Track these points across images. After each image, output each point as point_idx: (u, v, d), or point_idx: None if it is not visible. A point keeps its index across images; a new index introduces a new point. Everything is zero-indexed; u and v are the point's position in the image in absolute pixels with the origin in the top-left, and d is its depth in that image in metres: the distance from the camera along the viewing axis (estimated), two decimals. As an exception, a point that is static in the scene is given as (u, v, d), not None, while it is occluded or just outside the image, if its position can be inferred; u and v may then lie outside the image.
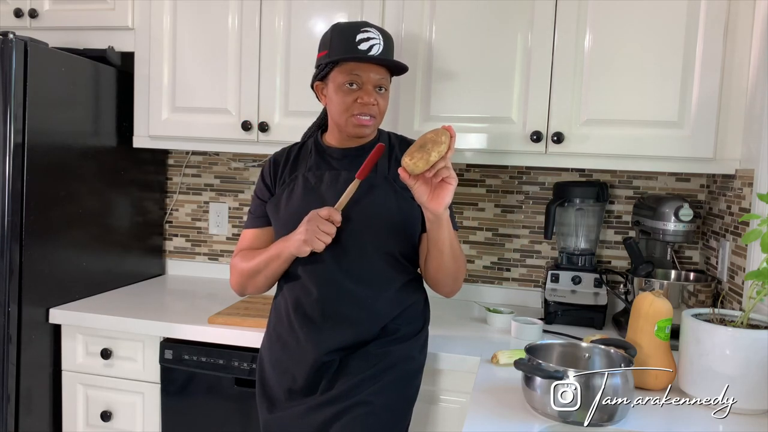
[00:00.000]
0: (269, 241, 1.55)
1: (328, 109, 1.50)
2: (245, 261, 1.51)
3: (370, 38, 1.42)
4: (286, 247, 1.41)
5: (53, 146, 1.93)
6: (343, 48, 1.42)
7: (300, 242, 1.37)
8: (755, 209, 1.59)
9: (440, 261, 1.41)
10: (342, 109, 1.44)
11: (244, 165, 2.45)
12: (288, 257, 1.43)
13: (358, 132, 1.46)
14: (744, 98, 1.72)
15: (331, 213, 1.36)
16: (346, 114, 1.44)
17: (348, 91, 1.43)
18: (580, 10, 1.78)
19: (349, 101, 1.43)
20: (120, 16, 2.14)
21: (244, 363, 1.76)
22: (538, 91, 1.82)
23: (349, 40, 1.42)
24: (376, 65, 1.43)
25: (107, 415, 1.90)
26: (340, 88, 1.43)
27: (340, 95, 1.43)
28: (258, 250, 1.51)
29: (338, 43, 1.43)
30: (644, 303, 1.40)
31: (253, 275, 1.50)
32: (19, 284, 1.81)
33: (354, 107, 1.43)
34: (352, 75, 1.42)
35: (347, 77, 1.42)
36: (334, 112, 1.47)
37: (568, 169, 2.14)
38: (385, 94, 1.48)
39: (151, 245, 2.46)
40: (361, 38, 1.41)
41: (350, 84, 1.42)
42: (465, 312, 2.09)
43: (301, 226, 1.38)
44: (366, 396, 1.40)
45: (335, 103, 1.45)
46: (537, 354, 1.31)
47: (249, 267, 1.49)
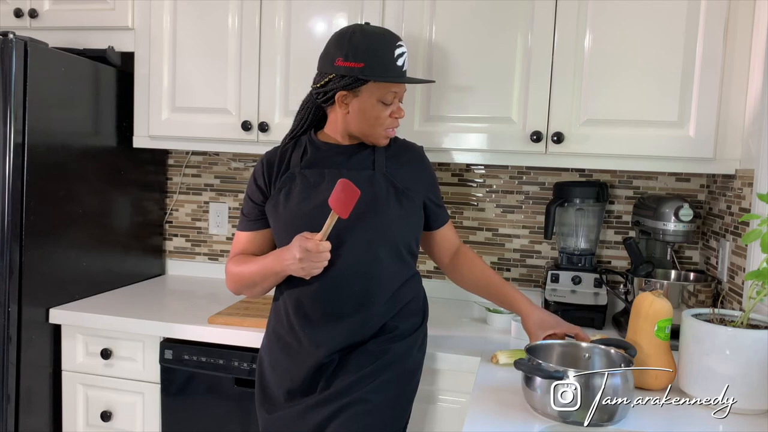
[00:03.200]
0: (264, 243, 1.54)
1: (351, 118, 1.48)
2: (240, 267, 1.50)
3: (403, 53, 1.46)
4: (285, 269, 1.41)
5: (53, 146, 1.93)
6: (383, 66, 1.42)
7: (299, 270, 1.38)
8: (755, 209, 1.59)
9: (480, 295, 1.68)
10: (376, 123, 1.47)
11: (244, 165, 2.45)
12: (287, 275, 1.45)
13: (385, 142, 1.52)
14: (744, 98, 1.72)
15: (319, 246, 1.35)
16: (379, 127, 1.47)
17: (384, 107, 1.46)
18: (580, 10, 1.78)
19: (385, 116, 1.46)
20: (120, 16, 2.14)
21: (244, 363, 1.76)
22: (538, 91, 1.82)
23: (388, 56, 1.43)
24: None
25: (107, 415, 1.90)
26: (377, 103, 1.45)
27: (377, 110, 1.45)
28: (252, 258, 1.50)
29: (376, 59, 1.42)
30: (644, 303, 1.40)
31: (250, 286, 1.50)
32: (19, 284, 1.81)
33: (388, 122, 1.47)
34: (391, 93, 1.45)
35: (386, 94, 1.45)
36: (362, 123, 1.47)
37: (568, 169, 2.14)
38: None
39: (151, 245, 2.46)
40: (398, 53, 1.44)
41: (386, 101, 1.45)
42: (465, 312, 2.09)
43: (294, 250, 1.37)
44: (365, 393, 1.40)
45: (368, 116, 1.46)
46: (537, 354, 1.31)
47: (245, 277, 1.49)
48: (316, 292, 1.43)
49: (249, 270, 1.48)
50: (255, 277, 1.47)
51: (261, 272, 1.46)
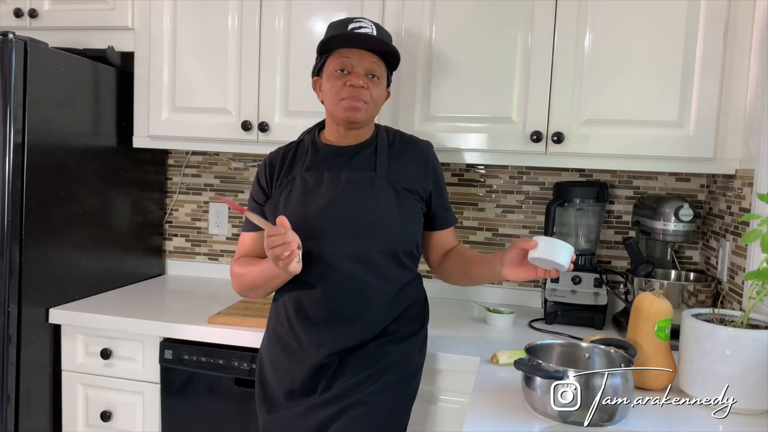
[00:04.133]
0: None
1: (324, 102, 1.50)
2: (244, 268, 1.50)
3: (362, 27, 1.43)
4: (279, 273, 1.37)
5: (53, 146, 1.93)
6: (331, 35, 1.44)
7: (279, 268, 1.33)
8: (755, 209, 1.59)
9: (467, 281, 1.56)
10: (333, 94, 1.44)
11: (244, 165, 2.45)
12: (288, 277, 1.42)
13: (349, 116, 1.44)
14: (744, 98, 1.72)
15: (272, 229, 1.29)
16: (336, 99, 1.44)
17: (339, 76, 1.43)
18: (580, 11, 1.78)
19: (339, 85, 1.43)
20: (120, 16, 2.14)
21: (244, 363, 1.76)
22: (538, 91, 1.82)
23: (340, 28, 1.44)
24: (367, 52, 1.43)
25: (107, 415, 1.90)
26: (332, 74, 1.44)
27: (331, 81, 1.44)
28: (255, 260, 1.50)
29: (330, 32, 1.46)
30: (644, 303, 1.40)
31: (254, 288, 1.50)
32: (19, 284, 1.81)
33: (344, 91, 1.42)
34: (342, 59, 1.43)
35: (338, 62, 1.43)
36: (327, 102, 1.48)
37: (568, 169, 2.14)
38: (378, 82, 1.46)
39: (151, 245, 2.46)
40: (353, 27, 1.43)
41: (341, 70, 1.43)
42: (465, 312, 2.09)
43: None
44: (365, 396, 1.40)
45: (327, 90, 1.46)
46: (537, 354, 1.31)
47: (248, 279, 1.49)
48: (316, 293, 1.43)
49: (252, 272, 1.48)
50: (257, 279, 1.47)
51: (262, 275, 1.45)
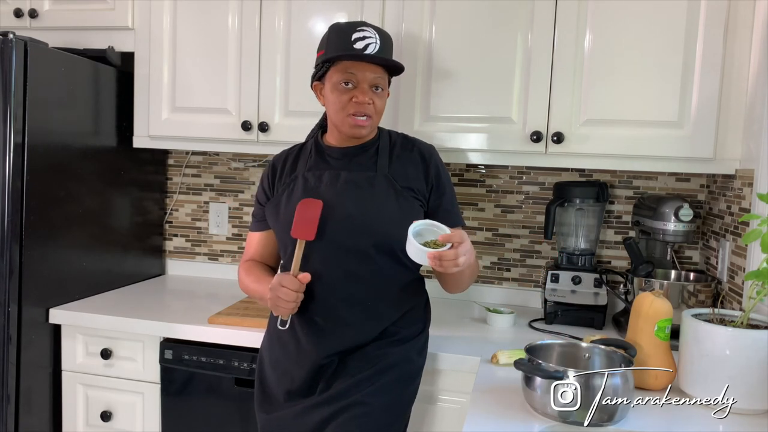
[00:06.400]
0: (275, 243, 1.55)
1: (326, 109, 1.51)
2: (246, 277, 1.55)
3: (366, 37, 1.42)
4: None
5: (53, 146, 1.93)
6: (338, 47, 1.42)
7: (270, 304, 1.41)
8: (755, 209, 1.59)
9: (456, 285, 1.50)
10: (338, 108, 1.44)
11: (244, 165, 2.45)
12: None
13: (354, 132, 1.46)
14: (744, 98, 1.72)
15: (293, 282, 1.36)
16: (342, 113, 1.44)
17: (343, 90, 1.43)
18: (580, 10, 1.78)
19: (345, 100, 1.43)
20: (120, 16, 2.14)
21: (244, 363, 1.76)
22: (538, 91, 1.82)
23: (344, 39, 1.42)
24: (372, 64, 1.43)
25: (107, 415, 1.90)
26: (336, 87, 1.43)
27: (336, 94, 1.43)
28: (256, 272, 1.54)
29: (334, 42, 1.44)
30: (644, 303, 1.40)
31: (254, 299, 1.58)
32: (19, 284, 1.81)
33: (349, 106, 1.43)
34: (347, 74, 1.42)
35: (343, 76, 1.42)
36: (331, 112, 1.48)
37: (568, 169, 2.14)
38: (382, 94, 1.47)
39: (151, 245, 2.46)
40: (357, 37, 1.41)
41: (345, 83, 1.42)
42: (465, 312, 2.09)
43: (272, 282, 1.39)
44: (363, 396, 1.40)
45: (331, 102, 1.45)
46: (537, 354, 1.30)
47: (246, 289, 1.56)
48: (316, 294, 1.43)
49: (250, 285, 1.54)
50: (251, 293, 1.55)
51: (255, 293, 1.52)
